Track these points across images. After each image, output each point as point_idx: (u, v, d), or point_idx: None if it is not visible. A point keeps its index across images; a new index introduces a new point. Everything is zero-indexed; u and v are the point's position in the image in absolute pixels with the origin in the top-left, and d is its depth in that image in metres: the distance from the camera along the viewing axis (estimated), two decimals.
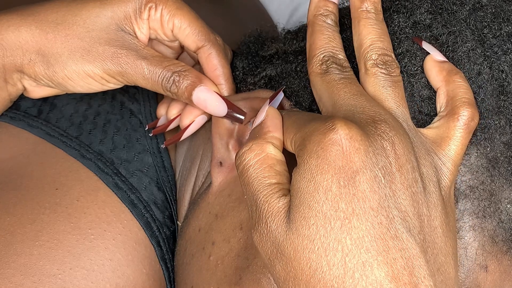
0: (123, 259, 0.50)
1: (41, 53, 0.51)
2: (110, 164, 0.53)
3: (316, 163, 0.37)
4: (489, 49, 0.45)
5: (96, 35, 0.51)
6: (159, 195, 0.54)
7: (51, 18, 0.51)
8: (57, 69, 0.51)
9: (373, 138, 0.37)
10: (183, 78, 0.50)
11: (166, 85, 0.50)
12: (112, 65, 0.50)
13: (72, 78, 0.51)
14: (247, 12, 0.80)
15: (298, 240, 0.36)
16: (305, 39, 0.51)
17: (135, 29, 0.52)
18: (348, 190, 0.36)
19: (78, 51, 0.50)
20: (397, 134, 0.38)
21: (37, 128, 0.54)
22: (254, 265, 0.45)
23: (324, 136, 0.37)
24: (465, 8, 0.46)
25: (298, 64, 0.50)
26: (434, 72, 0.44)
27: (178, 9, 0.52)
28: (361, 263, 0.35)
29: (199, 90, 0.50)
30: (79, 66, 0.50)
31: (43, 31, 0.51)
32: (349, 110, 0.40)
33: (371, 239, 0.35)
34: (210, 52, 0.53)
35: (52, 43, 0.50)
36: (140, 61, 0.50)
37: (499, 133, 0.44)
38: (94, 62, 0.50)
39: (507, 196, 0.43)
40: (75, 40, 0.50)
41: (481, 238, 0.43)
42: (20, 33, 0.50)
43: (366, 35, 0.44)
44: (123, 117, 0.56)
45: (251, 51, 0.56)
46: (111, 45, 0.50)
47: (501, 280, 0.43)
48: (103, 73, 0.51)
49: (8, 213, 0.49)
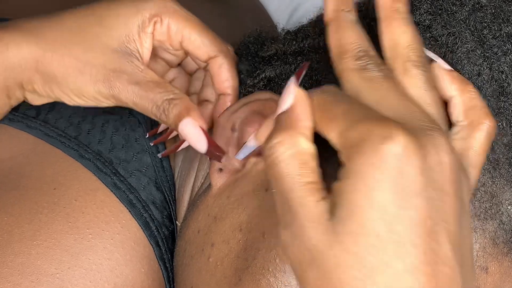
0: (121, 259, 0.50)
1: (39, 71, 0.50)
2: (109, 164, 0.53)
3: (373, 176, 0.34)
4: (489, 50, 0.45)
5: (92, 56, 0.50)
6: (158, 195, 0.54)
7: (51, 36, 0.51)
8: (53, 87, 0.51)
9: (430, 151, 0.35)
10: (172, 107, 0.49)
11: (156, 112, 0.49)
12: (104, 88, 0.50)
13: (69, 95, 0.51)
14: (247, 12, 0.80)
15: (344, 256, 0.34)
16: (304, 39, 0.51)
17: (137, 46, 0.51)
18: (405, 213, 0.34)
19: (73, 71, 0.50)
20: (449, 144, 0.36)
21: (36, 129, 0.54)
22: (253, 266, 0.45)
23: (382, 144, 0.34)
24: (464, 9, 0.46)
25: (297, 66, 0.50)
26: (446, 81, 0.42)
27: (187, 21, 0.51)
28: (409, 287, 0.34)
29: (184, 123, 0.49)
30: (72, 86, 0.50)
31: (42, 50, 0.50)
32: (399, 113, 0.38)
33: (422, 265, 0.34)
34: (222, 63, 0.52)
35: (49, 62, 0.50)
36: (132, 86, 0.49)
37: (500, 135, 0.44)
38: (87, 84, 0.50)
39: (508, 198, 0.43)
40: (71, 60, 0.50)
41: (482, 240, 0.43)
42: (20, 50, 0.50)
43: (401, 34, 0.41)
44: (122, 117, 0.56)
45: (251, 52, 0.56)
46: (105, 67, 0.50)
47: (501, 281, 0.43)
48: (96, 94, 0.50)
49: (6, 213, 0.49)
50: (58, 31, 0.51)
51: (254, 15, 0.82)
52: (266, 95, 0.50)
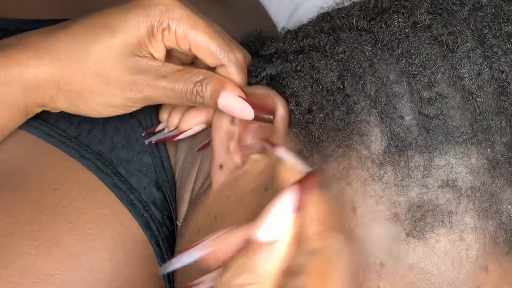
0: (122, 259, 0.50)
1: (62, 91, 0.50)
2: (109, 164, 0.53)
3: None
4: (489, 49, 0.45)
5: (111, 67, 0.50)
6: (158, 195, 0.54)
7: (66, 55, 0.50)
8: (80, 104, 0.51)
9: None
10: (205, 87, 0.49)
11: (190, 97, 0.49)
12: (132, 93, 0.50)
13: (96, 109, 0.51)
14: (247, 12, 0.80)
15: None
16: (305, 38, 0.51)
17: (151, 51, 0.51)
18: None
19: (97, 86, 0.50)
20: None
21: (36, 128, 0.54)
22: None
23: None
24: (465, 8, 0.46)
25: (298, 64, 0.50)
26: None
27: (193, 28, 0.50)
28: None
29: (223, 97, 0.49)
30: (100, 100, 0.50)
31: (60, 70, 0.50)
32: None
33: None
34: (229, 73, 0.51)
35: (71, 81, 0.50)
36: (160, 81, 0.49)
37: (500, 134, 0.44)
38: (114, 94, 0.50)
39: (508, 197, 0.43)
40: (92, 77, 0.50)
41: (482, 239, 0.43)
42: (39, 73, 0.50)
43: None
44: (122, 118, 0.56)
45: (251, 51, 0.56)
46: (128, 74, 0.50)
47: (501, 281, 0.43)
48: (126, 101, 0.50)
49: (7, 213, 0.49)
50: (71, 49, 0.50)
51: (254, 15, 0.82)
52: (262, 90, 0.50)
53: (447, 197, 0.43)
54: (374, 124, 0.45)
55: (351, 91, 0.46)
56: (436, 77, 0.44)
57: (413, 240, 0.43)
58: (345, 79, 0.46)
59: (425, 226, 0.43)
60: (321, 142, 0.46)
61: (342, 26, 0.48)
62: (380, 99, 0.45)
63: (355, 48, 0.47)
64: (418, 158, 0.43)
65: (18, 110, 0.51)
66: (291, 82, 0.49)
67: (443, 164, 0.43)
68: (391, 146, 0.44)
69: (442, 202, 0.43)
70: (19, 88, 0.50)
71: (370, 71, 0.46)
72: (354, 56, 0.47)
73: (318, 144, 0.46)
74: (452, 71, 0.45)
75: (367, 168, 0.44)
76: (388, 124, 0.44)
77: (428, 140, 0.43)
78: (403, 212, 0.43)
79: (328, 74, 0.47)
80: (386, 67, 0.46)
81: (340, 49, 0.47)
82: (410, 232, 0.43)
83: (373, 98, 0.45)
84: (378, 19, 0.48)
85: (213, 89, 0.49)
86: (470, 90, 0.44)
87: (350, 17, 0.49)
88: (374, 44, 0.47)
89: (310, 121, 0.47)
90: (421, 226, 0.43)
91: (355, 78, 0.46)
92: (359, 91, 0.45)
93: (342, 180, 0.44)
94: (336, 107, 0.46)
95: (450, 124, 0.44)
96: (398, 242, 0.43)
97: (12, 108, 0.50)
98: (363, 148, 0.44)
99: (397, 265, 0.43)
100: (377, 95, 0.45)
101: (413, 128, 0.44)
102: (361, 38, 0.47)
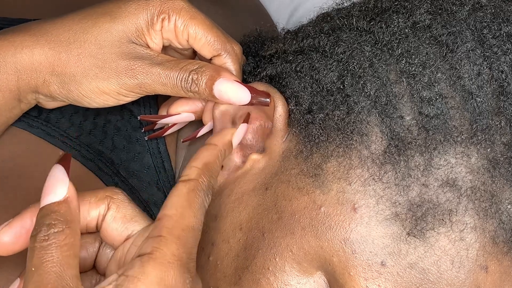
0: None
1: (55, 74, 0.50)
2: (110, 164, 0.53)
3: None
4: (488, 49, 0.45)
5: (108, 51, 0.50)
6: (159, 196, 0.54)
7: (63, 37, 0.50)
8: (72, 88, 0.51)
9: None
10: (201, 74, 0.49)
11: (185, 86, 0.49)
12: (128, 78, 0.50)
13: (88, 96, 0.51)
14: (247, 12, 0.80)
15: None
16: (305, 39, 0.51)
17: (148, 41, 0.51)
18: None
19: (91, 69, 0.50)
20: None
21: (38, 128, 0.54)
22: (253, 265, 0.45)
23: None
24: (464, 8, 0.47)
25: (298, 64, 0.50)
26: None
27: (193, 19, 0.51)
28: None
29: (218, 83, 0.49)
30: (94, 84, 0.50)
31: (56, 52, 0.50)
32: None
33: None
34: (225, 62, 0.52)
35: (66, 63, 0.50)
36: (155, 68, 0.49)
37: (499, 134, 0.44)
38: (109, 78, 0.50)
39: (508, 197, 0.43)
40: (88, 59, 0.50)
41: (482, 239, 0.43)
42: (33, 55, 0.50)
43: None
44: (123, 118, 0.56)
45: (251, 51, 0.56)
46: (124, 59, 0.50)
47: (501, 281, 0.43)
48: (120, 88, 0.50)
49: (8, 213, 0.49)
50: (69, 31, 0.51)
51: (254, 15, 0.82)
52: (262, 86, 0.50)
53: (447, 196, 0.43)
54: (374, 124, 0.45)
55: (351, 91, 0.46)
56: (436, 77, 0.45)
57: (414, 240, 0.43)
58: (345, 79, 0.46)
59: (425, 225, 0.43)
60: (321, 142, 0.46)
61: (342, 27, 0.48)
62: (380, 99, 0.45)
63: (355, 49, 0.47)
64: (418, 158, 0.43)
65: (10, 93, 0.51)
66: (291, 83, 0.49)
67: (443, 164, 0.43)
68: (391, 146, 0.44)
69: (442, 202, 0.43)
70: (12, 69, 0.50)
71: (370, 71, 0.46)
72: (354, 57, 0.47)
73: (318, 144, 0.46)
74: (451, 71, 0.45)
75: (367, 168, 0.44)
76: (388, 124, 0.44)
77: (428, 140, 0.44)
78: (403, 211, 0.43)
79: (328, 74, 0.47)
80: (386, 67, 0.46)
81: (340, 50, 0.48)
82: (410, 231, 0.43)
83: (373, 98, 0.45)
84: (378, 19, 0.48)
85: (209, 76, 0.49)
86: (469, 90, 0.44)
87: (350, 18, 0.49)
88: (374, 44, 0.47)
89: (310, 121, 0.47)
90: (421, 225, 0.43)
91: (355, 78, 0.46)
92: (359, 91, 0.46)
93: (342, 180, 0.44)
94: (336, 107, 0.46)
95: (450, 124, 0.44)
96: (399, 241, 0.43)
97: (5, 91, 0.51)
98: (363, 148, 0.45)
99: (398, 265, 0.43)
100: (377, 95, 0.45)
101: (413, 128, 0.44)
102: (361, 38, 0.48)
